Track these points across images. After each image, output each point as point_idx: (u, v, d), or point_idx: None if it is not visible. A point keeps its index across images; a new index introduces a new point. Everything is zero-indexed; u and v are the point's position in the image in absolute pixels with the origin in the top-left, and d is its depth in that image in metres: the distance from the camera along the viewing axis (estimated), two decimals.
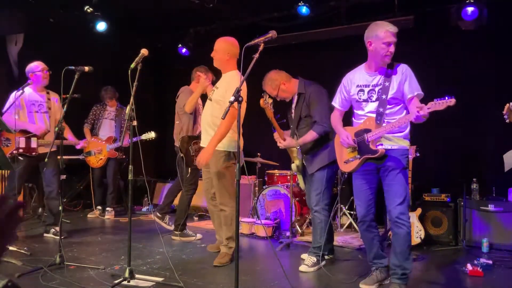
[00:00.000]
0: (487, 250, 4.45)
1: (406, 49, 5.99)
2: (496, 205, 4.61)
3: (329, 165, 3.87)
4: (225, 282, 3.36)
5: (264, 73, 4.09)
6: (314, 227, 3.98)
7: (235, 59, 3.95)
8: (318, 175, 3.89)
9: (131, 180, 3.31)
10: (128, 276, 3.18)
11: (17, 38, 6.20)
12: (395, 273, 3.18)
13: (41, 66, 4.72)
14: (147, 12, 6.57)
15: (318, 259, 3.83)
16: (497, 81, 5.30)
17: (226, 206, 3.91)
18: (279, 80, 3.95)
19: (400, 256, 3.15)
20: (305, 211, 5.47)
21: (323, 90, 3.94)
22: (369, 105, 3.23)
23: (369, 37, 3.17)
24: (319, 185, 3.88)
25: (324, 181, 3.87)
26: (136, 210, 6.64)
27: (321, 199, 3.86)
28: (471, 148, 4.28)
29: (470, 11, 4.99)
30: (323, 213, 3.87)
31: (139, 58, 3.37)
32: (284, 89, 3.96)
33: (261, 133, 6.49)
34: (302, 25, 6.24)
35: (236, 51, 3.93)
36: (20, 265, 3.65)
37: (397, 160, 3.17)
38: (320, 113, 3.79)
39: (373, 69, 3.24)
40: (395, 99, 3.15)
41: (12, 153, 4.49)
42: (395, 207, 3.15)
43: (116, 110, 6.34)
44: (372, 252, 3.40)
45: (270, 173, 5.93)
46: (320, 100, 3.84)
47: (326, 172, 3.88)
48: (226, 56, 3.88)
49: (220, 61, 3.92)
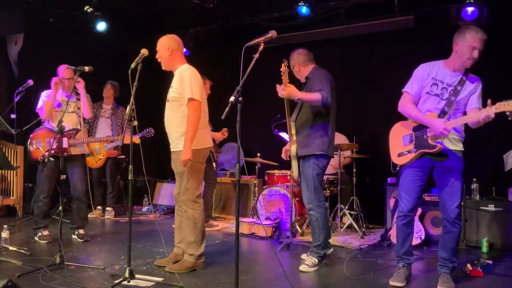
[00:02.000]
0: (487, 250, 4.45)
1: (406, 49, 6.06)
2: (496, 205, 4.61)
3: (317, 156, 3.79)
4: (225, 282, 3.36)
5: (264, 73, 4.10)
6: (311, 226, 3.96)
7: (179, 53, 3.80)
8: (305, 166, 3.84)
9: (131, 180, 3.31)
10: (128, 276, 3.18)
11: (17, 38, 6.20)
12: (446, 266, 3.38)
13: (68, 75, 4.51)
14: (147, 12, 6.56)
15: (319, 260, 3.82)
16: (497, 81, 5.30)
17: (189, 207, 3.64)
18: (295, 61, 4.05)
19: (451, 251, 3.36)
20: (305, 211, 5.47)
21: (327, 73, 3.92)
22: (437, 101, 3.32)
23: (457, 38, 3.29)
24: (309, 181, 3.81)
25: (311, 177, 3.79)
26: (136, 210, 6.65)
27: (313, 196, 3.81)
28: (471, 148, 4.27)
29: (470, 11, 5.00)
30: (318, 210, 3.81)
31: (139, 58, 3.37)
32: (297, 71, 4.09)
33: (261, 133, 6.51)
34: (302, 25, 6.24)
35: (177, 44, 3.78)
36: (20, 265, 3.65)
37: (459, 161, 3.32)
38: (323, 84, 3.74)
39: (452, 69, 3.33)
40: (459, 105, 3.29)
41: (43, 155, 4.39)
42: (454, 208, 3.28)
43: (111, 108, 6.30)
44: (404, 247, 3.46)
45: (270, 173, 5.93)
46: (323, 77, 3.82)
47: (313, 165, 3.79)
48: (167, 52, 3.71)
49: (164, 59, 3.75)
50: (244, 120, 2.69)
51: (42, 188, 4.49)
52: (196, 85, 3.59)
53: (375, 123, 6.00)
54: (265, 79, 6.80)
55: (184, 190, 3.67)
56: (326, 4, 5.96)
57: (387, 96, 5.99)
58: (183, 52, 3.87)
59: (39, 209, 4.54)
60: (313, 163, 3.81)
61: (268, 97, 7.02)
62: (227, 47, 6.51)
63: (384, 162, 4.95)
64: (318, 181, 3.82)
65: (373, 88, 6.07)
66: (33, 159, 4.56)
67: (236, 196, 2.62)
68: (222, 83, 6.18)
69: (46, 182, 4.48)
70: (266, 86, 6.98)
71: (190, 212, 3.64)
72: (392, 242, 4.73)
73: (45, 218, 4.56)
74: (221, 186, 6.53)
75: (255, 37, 2.82)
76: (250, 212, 5.87)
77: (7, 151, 5.70)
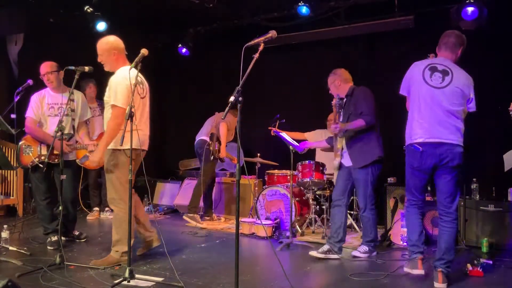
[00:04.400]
0: (487, 250, 4.45)
1: (406, 49, 6.05)
2: (496, 205, 4.61)
3: (373, 164, 4.13)
4: (225, 282, 3.35)
5: (264, 73, 4.10)
6: (363, 225, 4.36)
7: (123, 54, 3.81)
8: (362, 174, 4.15)
9: (131, 180, 3.31)
10: (128, 276, 3.18)
11: (17, 38, 6.20)
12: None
13: (42, 70, 4.39)
14: (147, 12, 6.57)
15: (370, 249, 4.25)
16: (497, 81, 5.31)
17: (115, 206, 3.73)
18: (336, 77, 4.35)
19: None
20: (305, 211, 5.47)
21: (369, 90, 4.25)
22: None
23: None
24: (366, 186, 4.16)
25: (369, 183, 4.15)
26: None
27: (368, 200, 4.19)
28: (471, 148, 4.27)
29: (470, 11, 5.00)
30: (371, 213, 4.23)
31: (139, 58, 3.37)
32: (337, 85, 4.34)
33: (261, 133, 6.51)
34: (302, 25, 6.25)
35: (121, 46, 3.80)
36: (20, 265, 3.65)
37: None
38: (368, 107, 4.10)
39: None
40: None
41: (33, 162, 4.24)
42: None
43: (98, 105, 6.13)
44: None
45: (270, 173, 5.93)
46: (366, 97, 4.18)
47: (371, 172, 4.14)
48: (113, 56, 3.75)
49: (109, 63, 3.77)
50: (244, 120, 2.69)
51: (39, 191, 4.34)
52: (121, 92, 3.59)
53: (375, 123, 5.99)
54: (265, 79, 6.85)
55: (108, 190, 3.77)
56: (326, 4, 5.96)
57: (387, 96, 6.01)
58: (125, 52, 3.85)
59: (42, 213, 4.40)
60: (371, 169, 4.15)
61: (268, 97, 7.07)
62: (227, 47, 6.52)
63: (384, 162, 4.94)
64: (376, 183, 4.24)
65: (373, 88, 6.05)
66: (23, 165, 4.36)
67: (236, 196, 2.62)
68: (222, 83, 6.20)
69: (41, 184, 4.33)
70: (266, 86, 7.04)
71: (115, 211, 3.76)
72: (392, 242, 4.73)
73: (52, 222, 4.39)
74: (221, 186, 6.53)
75: (255, 37, 2.82)
76: (250, 212, 5.87)
77: (7, 151, 5.70)
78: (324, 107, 4.66)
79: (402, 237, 4.66)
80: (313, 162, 5.18)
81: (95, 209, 6.22)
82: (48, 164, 4.09)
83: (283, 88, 6.98)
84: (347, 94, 4.29)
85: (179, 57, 7.33)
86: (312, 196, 5.33)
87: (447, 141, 3.36)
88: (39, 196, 4.38)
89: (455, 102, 3.39)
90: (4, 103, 5.73)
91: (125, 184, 3.65)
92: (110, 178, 3.73)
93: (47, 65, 4.39)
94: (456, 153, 3.36)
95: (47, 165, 4.08)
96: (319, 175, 5.15)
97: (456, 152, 3.36)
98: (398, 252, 4.46)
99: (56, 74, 4.38)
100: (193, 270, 3.69)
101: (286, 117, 5.29)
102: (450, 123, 3.38)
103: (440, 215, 3.46)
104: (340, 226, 4.17)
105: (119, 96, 3.59)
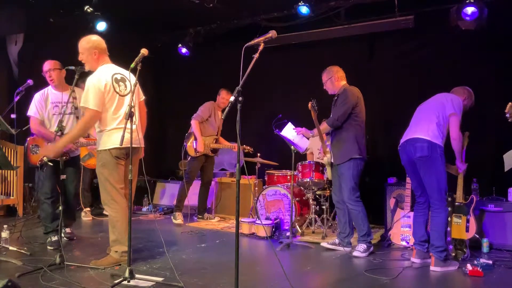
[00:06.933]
0: (487, 250, 4.45)
1: (406, 49, 6.05)
2: (496, 205, 4.61)
3: (352, 159, 4.30)
4: (225, 282, 3.36)
5: (264, 73, 4.10)
6: (354, 219, 4.40)
7: (104, 54, 3.80)
8: (344, 169, 4.35)
9: (131, 180, 3.31)
10: (128, 276, 3.18)
11: (17, 38, 6.20)
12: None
13: (45, 67, 4.40)
14: (147, 12, 6.56)
15: (367, 246, 4.30)
16: (497, 81, 5.30)
17: (107, 206, 3.74)
18: (333, 74, 4.52)
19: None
20: (305, 211, 5.47)
21: (352, 94, 4.37)
22: None
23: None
24: (347, 180, 4.33)
25: (351, 177, 4.31)
26: (136, 210, 6.64)
27: (351, 193, 4.32)
28: (471, 148, 4.28)
29: (470, 11, 4.99)
30: (357, 205, 4.33)
31: (139, 58, 3.37)
32: (333, 82, 4.53)
33: (261, 133, 6.51)
34: (302, 25, 6.25)
35: (102, 45, 3.79)
36: (20, 265, 3.65)
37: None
38: (339, 110, 4.36)
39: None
40: None
41: (41, 160, 4.22)
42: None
43: None
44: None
45: (270, 173, 5.93)
46: (344, 101, 4.35)
47: (352, 166, 4.31)
48: (95, 55, 3.74)
49: (89, 62, 3.76)
50: (244, 120, 2.69)
51: (44, 189, 4.33)
52: (92, 94, 3.60)
53: (375, 123, 5.99)
54: (265, 79, 6.84)
55: (100, 191, 3.77)
56: (326, 4, 5.96)
57: (387, 96, 6.01)
58: (106, 51, 3.84)
59: (45, 211, 4.39)
60: (352, 165, 4.32)
61: (268, 97, 7.07)
62: (227, 47, 6.52)
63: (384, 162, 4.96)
64: (358, 177, 4.37)
65: (373, 88, 6.07)
66: (32, 164, 4.49)
67: (236, 196, 2.62)
68: (222, 83, 6.19)
69: (47, 182, 4.33)
70: (266, 86, 7.03)
71: (108, 212, 3.76)
72: (392, 242, 4.73)
73: (53, 221, 4.37)
74: (221, 186, 6.53)
75: (255, 37, 2.82)
76: (250, 212, 5.87)
77: (7, 151, 5.70)
78: (324, 107, 4.67)
79: (402, 237, 4.66)
80: (313, 162, 5.19)
81: (86, 210, 6.12)
82: (54, 161, 4.07)
83: (283, 88, 6.98)
84: (338, 92, 4.49)
85: (179, 57, 7.33)
86: (312, 196, 5.33)
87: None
88: (44, 194, 4.36)
89: None
90: (4, 103, 5.73)
91: (115, 184, 3.68)
92: (100, 179, 3.76)
93: (51, 62, 4.42)
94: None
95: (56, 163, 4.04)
96: (319, 175, 5.15)
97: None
98: (398, 252, 4.46)
99: (58, 72, 4.40)
100: (193, 270, 3.69)
101: (286, 117, 5.28)
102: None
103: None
104: (346, 222, 4.47)
105: (90, 98, 3.59)
